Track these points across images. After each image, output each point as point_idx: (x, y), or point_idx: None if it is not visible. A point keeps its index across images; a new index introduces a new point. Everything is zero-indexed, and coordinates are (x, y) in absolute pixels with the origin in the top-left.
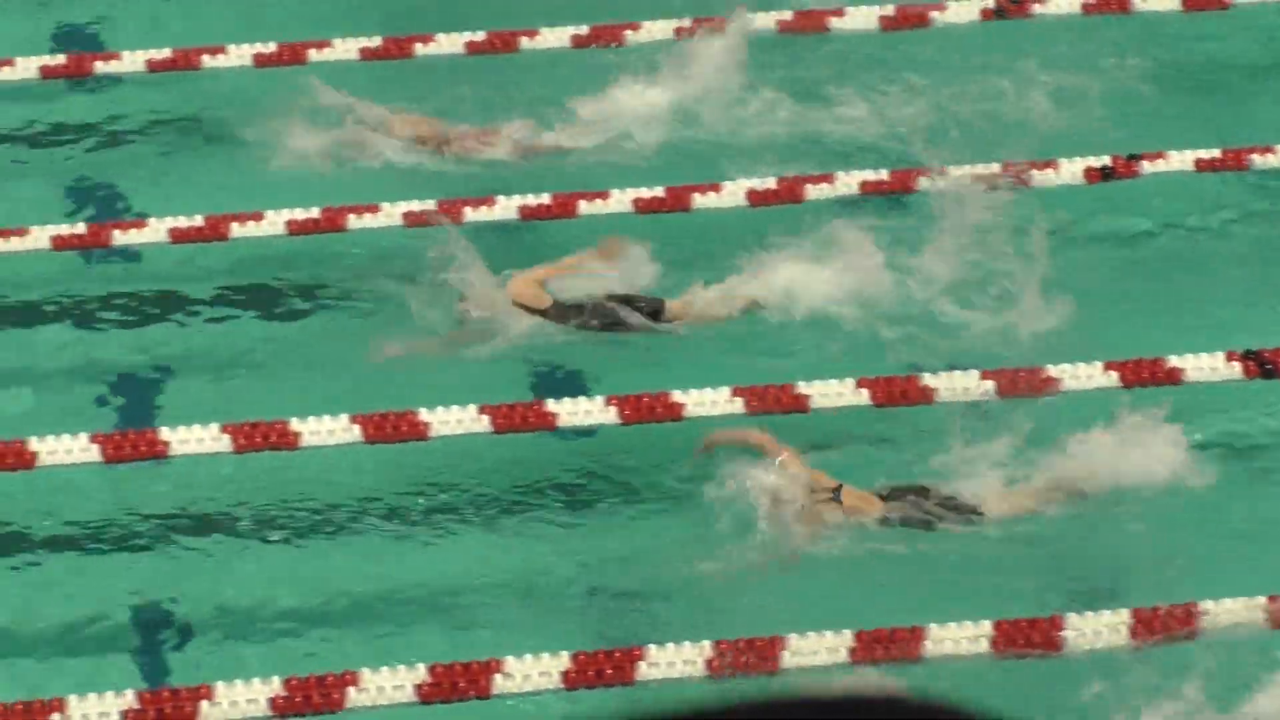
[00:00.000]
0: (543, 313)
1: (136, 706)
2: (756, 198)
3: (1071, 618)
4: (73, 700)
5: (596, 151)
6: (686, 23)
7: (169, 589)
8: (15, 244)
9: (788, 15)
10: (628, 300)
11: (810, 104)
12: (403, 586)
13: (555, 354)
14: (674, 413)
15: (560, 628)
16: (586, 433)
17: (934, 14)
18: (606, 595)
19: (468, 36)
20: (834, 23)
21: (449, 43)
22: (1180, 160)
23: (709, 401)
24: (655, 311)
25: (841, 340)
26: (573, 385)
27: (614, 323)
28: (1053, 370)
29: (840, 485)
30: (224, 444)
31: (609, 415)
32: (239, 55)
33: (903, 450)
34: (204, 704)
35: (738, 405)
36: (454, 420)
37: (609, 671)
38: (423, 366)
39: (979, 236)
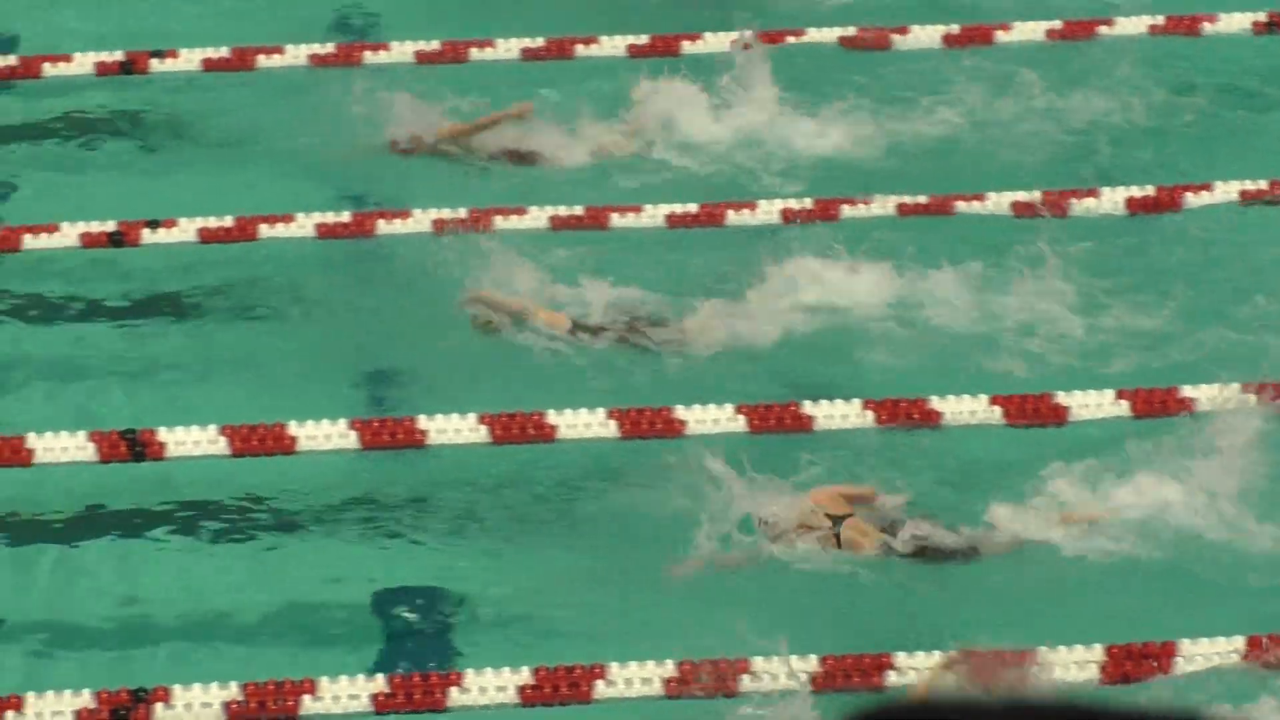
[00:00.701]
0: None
1: (387, 691)
2: (1020, 209)
3: None
4: (324, 682)
5: (855, 153)
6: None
7: (420, 577)
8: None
9: (1057, 24)
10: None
11: (1076, 112)
12: (637, 575)
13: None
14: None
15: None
16: None
17: (1204, 24)
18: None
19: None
20: (1102, 30)
21: (715, 41)
22: None
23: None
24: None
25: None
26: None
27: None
28: None
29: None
30: (481, 434)
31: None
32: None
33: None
34: (453, 690)
35: (997, 414)
36: (710, 420)
37: (854, 677)
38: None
39: (1240, 255)
